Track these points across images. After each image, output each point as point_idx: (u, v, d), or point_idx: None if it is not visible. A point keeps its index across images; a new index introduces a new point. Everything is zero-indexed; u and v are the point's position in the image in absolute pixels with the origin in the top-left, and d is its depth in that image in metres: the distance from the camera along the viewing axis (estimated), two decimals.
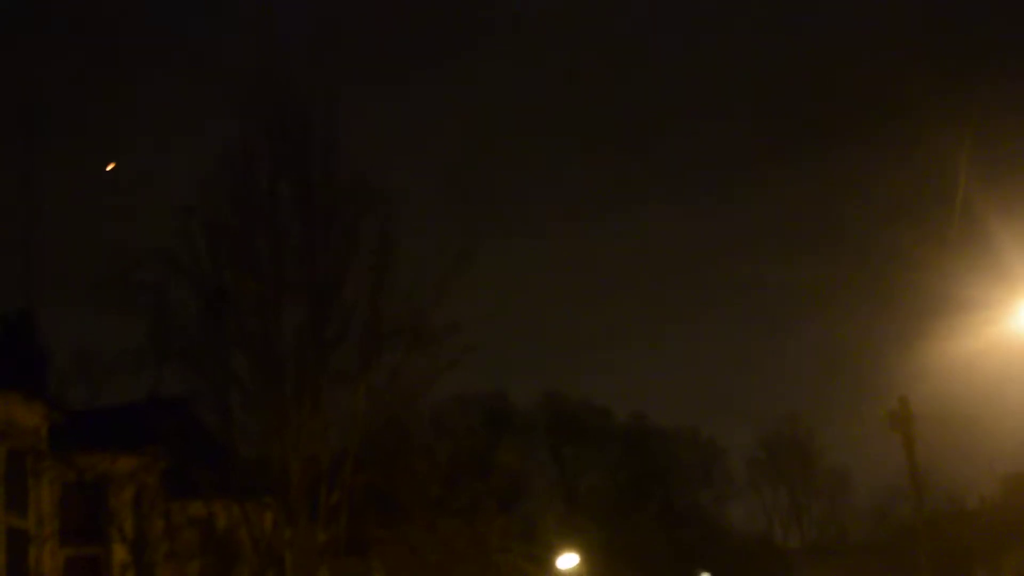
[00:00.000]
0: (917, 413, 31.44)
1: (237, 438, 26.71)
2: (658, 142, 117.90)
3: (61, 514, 28.96)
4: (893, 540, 64.73)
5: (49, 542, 28.19)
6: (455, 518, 26.92)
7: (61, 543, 29.08)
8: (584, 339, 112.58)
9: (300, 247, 26.17)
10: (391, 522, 27.07)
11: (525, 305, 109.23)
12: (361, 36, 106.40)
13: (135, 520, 28.27)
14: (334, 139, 26.44)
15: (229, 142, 26.24)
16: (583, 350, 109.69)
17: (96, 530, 29.32)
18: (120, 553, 28.14)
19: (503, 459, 44.21)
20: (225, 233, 25.98)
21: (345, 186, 26.27)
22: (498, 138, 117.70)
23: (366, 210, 26.22)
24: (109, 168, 36.24)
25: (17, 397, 27.20)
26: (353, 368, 26.20)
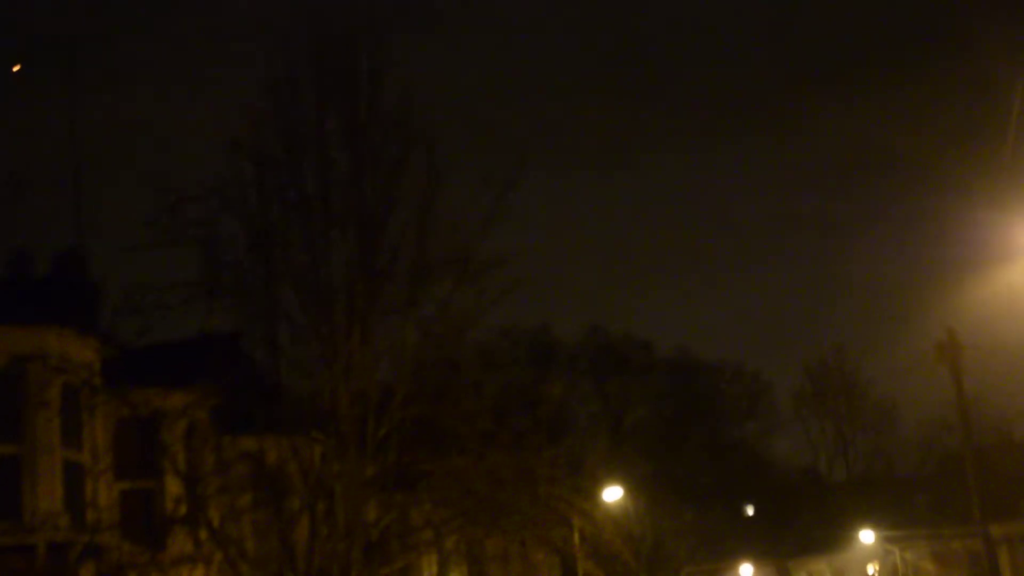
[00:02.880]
0: (965, 344, 31.22)
1: (286, 372, 26.90)
2: (704, 79, 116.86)
3: (115, 448, 29.45)
4: (940, 472, 64.69)
5: (104, 476, 28.69)
6: (503, 451, 26.98)
7: (116, 477, 29.59)
8: (627, 274, 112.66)
9: (347, 180, 26.20)
10: (439, 455, 27.19)
11: (567, 242, 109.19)
12: None
13: (187, 454, 28.61)
14: (380, 71, 26.37)
15: (275, 74, 26.21)
16: (626, 285, 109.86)
17: (150, 464, 29.76)
18: (174, 487, 28.53)
19: (549, 392, 44.38)
20: (272, 166, 26.02)
21: (392, 119, 26.23)
22: (529, 78, 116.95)
23: (413, 143, 26.20)
24: (15, 69, 35.42)
25: (71, 332, 27.58)
26: (402, 301, 26.33)
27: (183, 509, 26.77)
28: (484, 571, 47.91)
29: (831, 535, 73.63)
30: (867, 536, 69.35)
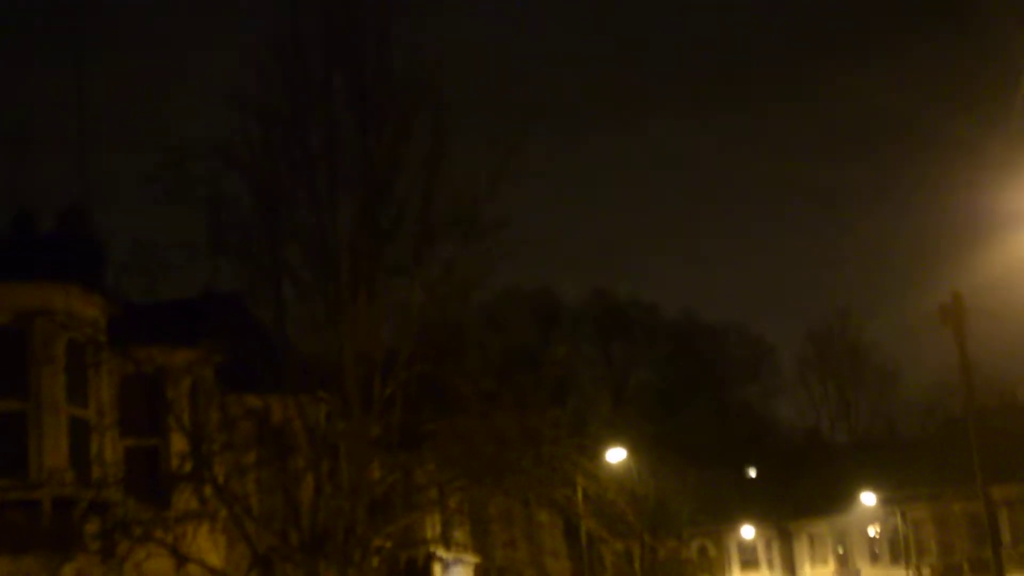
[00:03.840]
0: (969, 307, 31.22)
1: (291, 331, 26.91)
2: (713, 45, 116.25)
3: (120, 405, 29.47)
4: (942, 435, 64.94)
5: (110, 432, 28.74)
6: (507, 411, 27.03)
7: (122, 434, 29.64)
8: (632, 237, 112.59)
9: (354, 139, 26.13)
10: (444, 415, 27.26)
11: (573, 204, 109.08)
12: None
13: (192, 412, 28.65)
14: (387, 30, 26.25)
15: (281, 30, 26.11)
16: (631, 248, 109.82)
17: (155, 422, 29.79)
18: (179, 444, 28.57)
19: (554, 354, 44.43)
20: (279, 124, 25.93)
21: (399, 78, 26.13)
22: (537, 42, 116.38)
23: (419, 103, 26.10)
24: None
25: (77, 289, 27.55)
26: (407, 261, 26.32)
27: (188, 466, 26.83)
28: (488, 530, 48.15)
29: (832, 497, 73.93)
30: (868, 498, 69.62)
